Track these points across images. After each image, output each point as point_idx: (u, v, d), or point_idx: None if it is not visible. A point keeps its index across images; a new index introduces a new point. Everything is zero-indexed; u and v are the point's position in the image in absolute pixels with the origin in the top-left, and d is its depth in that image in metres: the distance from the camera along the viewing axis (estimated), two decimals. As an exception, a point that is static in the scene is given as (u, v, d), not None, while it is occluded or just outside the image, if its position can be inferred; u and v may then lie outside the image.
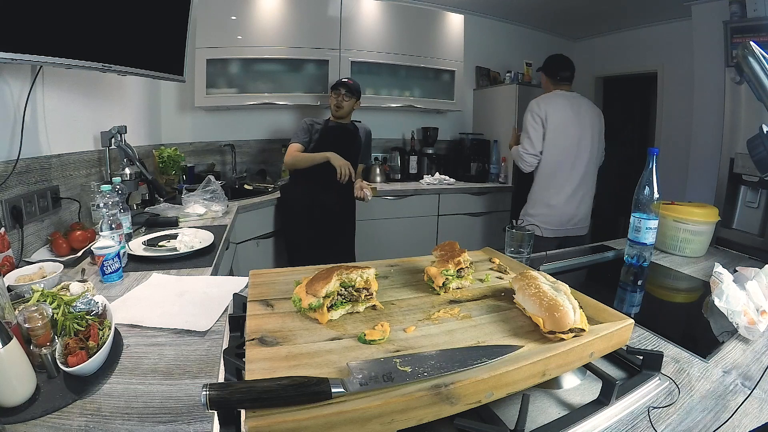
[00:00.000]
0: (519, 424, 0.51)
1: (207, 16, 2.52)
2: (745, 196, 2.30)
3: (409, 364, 0.50)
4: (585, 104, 2.22)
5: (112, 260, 1.06)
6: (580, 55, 4.25)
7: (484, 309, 0.70)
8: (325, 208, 2.29)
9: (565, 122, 2.13)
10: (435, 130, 3.45)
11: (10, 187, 1.20)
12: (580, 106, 2.19)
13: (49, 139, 1.42)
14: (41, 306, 0.70)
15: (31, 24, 1.13)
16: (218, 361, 0.72)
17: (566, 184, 2.18)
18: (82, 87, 1.67)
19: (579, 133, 2.15)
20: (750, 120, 2.34)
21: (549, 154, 2.17)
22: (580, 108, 2.18)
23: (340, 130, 2.41)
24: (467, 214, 3.17)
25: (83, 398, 0.62)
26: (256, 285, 0.75)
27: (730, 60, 2.55)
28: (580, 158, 2.17)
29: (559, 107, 2.15)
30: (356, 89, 2.41)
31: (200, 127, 2.93)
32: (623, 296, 1.11)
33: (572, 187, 2.18)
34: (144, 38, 1.67)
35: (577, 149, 2.16)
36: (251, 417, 0.41)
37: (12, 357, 0.60)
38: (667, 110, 3.51)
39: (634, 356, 0.69)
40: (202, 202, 1.89)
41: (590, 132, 2.17)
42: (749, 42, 0.88)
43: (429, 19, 3.16)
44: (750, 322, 0.80)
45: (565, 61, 2.26)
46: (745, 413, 0.59)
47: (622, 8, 3.33)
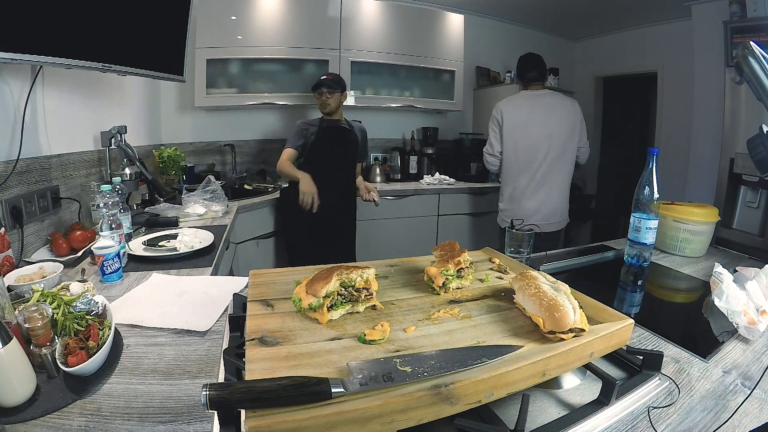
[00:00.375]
0: (519, 424, 0.51)
1: (207, 16, 2.52)
2: (745, 196, 2.29)
3: (409, 364, 0.50)
4: (555, 101, 2.23)
5: (112, 260, 1.06)
6: (580, 55, 4.26)
7: (484, 309, 0.70)
8: (325, 208, 2.28)
9: (524, 122, 2.21)
10: (435, 130, 3.45)
11: (10, 187, 1.20)
12: (546, 104, 2.21)
13: (49, 139, 1.42)
14: (41, 306, 0.70)
15: (31, 24, 1.13)
16: (218, 361, 0.72)
17: (526, 181, 2.26)
18: (82, 87, 1.67)
19: (540, 130, 2.20)
20: (750, 120, 2.34)
21: (508, 152, 2.29)
22: (547, 106, 2.21)
23: (335, 130, 2.37)
24: (467, 214, 3.17)
25: (83, 398, 0.62)
26: (256, 285, 0.75)
27: (730, 60, 2.55)
28: (542, 155, 2.21)
29: (517, 108, 2.24)
30: (337, 82, 2.33)
31: (200, 127, 2.93)
32: (623, 296, 1.11)
33: (533, 183, 2.24)
34: (144, 38, 1.67)
35: (536, 147, 2.21)
36: (251, 417, 0.41)
37: (12, 357, 0.60)
38: (667, 110, 3.51)
39: (634, 356, 0.69)
40: (202, 202, 1.89)
41: (558, 129, 2.19)
42: (749, 42, 0.88)
43: (429, 19, 3.16)
44: (750, 322, 0.80)
45: (532, 61, 2.29)
46: (745, 413, 0.59)
47: (622, 8, 3.33)
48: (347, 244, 2.50)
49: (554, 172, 2.23)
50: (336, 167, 2.36)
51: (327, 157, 2.33)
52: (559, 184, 2.27)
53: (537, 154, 2.20)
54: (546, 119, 2.19)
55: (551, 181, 2.24)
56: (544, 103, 2.22)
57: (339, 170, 2.38)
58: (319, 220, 2.30)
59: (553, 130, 2.18)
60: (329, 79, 2.31)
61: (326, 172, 2.27)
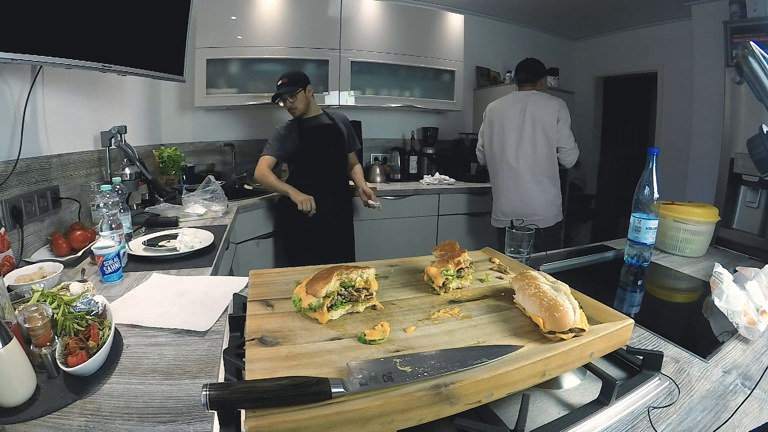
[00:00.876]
0: (519, 424, 0.51)
1: (207, 16, 2.52)
2: (745, 196, 2.30)
3: (409, 364, 0.50)
4: (534, 100, 2.27)
5: (112, 260, 1.06)
6: (580, 55, 4.26)
7: (484, 309, 0.70)
8: (325, 213, 2.24)
9: (499, 117, 2.34)
10: (435, 130, 3.45)
11: (10, 187, 1.20)
12: (525, 102, 2.27)
13: (49, 139, 1.42)
14: (41, 306, 0.70)
15: (31, 24, 1.13)
16: (218, 361, 0.72)
17: (502, 178, 2.38)
18: (82, 87, 1.67)
19: (510, 125, 2.29)
20: (750, 120, 2.34)
21: (488, 150, 2.45)
22: (524, 104, 2.27)
23: (319, 132, 2.24)
24: (467, 214, 3.17)
25: (83, 398, 0.62)
26: (256, 285, 0.75)
27: (730, 60, 2.55)
28: (512, 150, 2.29)
29: (499, 104, 2.39)
30: (294, 80, 2.15)
31: (200, 127, 2.93)
32: (623, 296, 1.11)
33: (509, 181, 2.34)
34: (144, 38, 1.68)
35: (504, 141, 2.31)
36: (251, 417, 0.41)
37: (12, 357, 0.60)
38: (667, 110, 3.51)
39: (634, 356, 0.69)
40: (202, 202, 1.89)
41: (529, 124, 2.25)
42: (749, 42, 0.88)
43: (429, 19, 3.16)
44: (750, 322, 0.80)
45: (522, 65, 2.38)
46: (745, 413, 0.59)
47: (622, 8, 3.33)
48: (347, 244, 2.49)
49: (526, 169, 2.28)
50: (328, 168, 2.31)
51: (317, 160, 2.24)
52: (535, 182, 2.30)
53: (506, 148, 2.31)
54: (518, 115, 2.27)
55: (525, 178, 2.29)
56: (523, 101, 2.28)
57: (332, 170, 2.34)
58: (319, 223, 2.26)
59: (524, 126, 2.25)
60: (284, 83, 2.15)
61: (319, 175, 2.22)
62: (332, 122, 2.30)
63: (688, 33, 2.98)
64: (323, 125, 2.28)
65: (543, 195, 2.30)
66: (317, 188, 2.19)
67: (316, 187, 2.20)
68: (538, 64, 2.35)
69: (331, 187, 2.30)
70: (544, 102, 2.26)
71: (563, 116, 2.23)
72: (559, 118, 2.23)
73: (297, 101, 2.16)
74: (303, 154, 2.22)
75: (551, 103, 2.25)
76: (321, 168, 2.27)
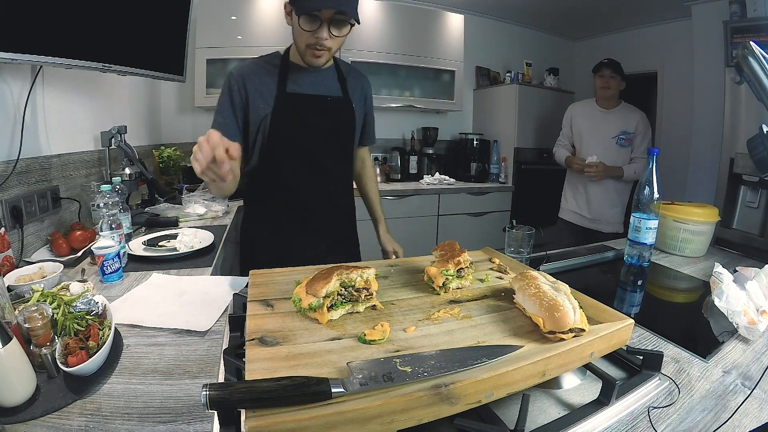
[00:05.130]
0: (519, 424, 0.51)
1: (207, 16, 2.52)
2: (745, 196, 2.29)
3: (409, 364, 0.50)
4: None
5: (112, 260, 1.06)
6: (580, 55, 4.26)
7: (484, 309, 0.70)
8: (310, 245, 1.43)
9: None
10: (435, 130, 3.45)
11: (10, 187, 1.20)
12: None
13: (49, 139, 1.42)
14: (41, 306, 0.69)
15: (31, 24, 1.13)
16: (218, 361, 0.72)
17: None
18: (82, 87, 1.67)
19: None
20: (750, 120, 2.34)
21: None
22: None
23: (312, 99, 1.21)
24: (467, 214, 3.17)
25: (83, 398, 0.62)
26: (256, 285, 0.75)
27: (730, 60, 2.55)
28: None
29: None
30: (356, 8, 1.08)
31: (200, 127, 2.92)
32: (623, 296, 1.11)
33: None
34: (144, 38, 1.68)
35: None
36: (251, 417, 0.41)
37: (12, 357, 0.60)
38: (667, 110, 3.51)
39: (634, 356, 0.69)
40: (202, 202, 1.89)
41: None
42: (749, 42, 0.88)
43: (429, 19, 3.16)
44: (750, 322, 0.80)
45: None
46: (745, 413, 0.59)
47: (622, 8, 3.33)
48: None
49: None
50: (317, 164, 1.29)
51: (297, 148, 1.25)
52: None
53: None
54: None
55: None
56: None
57: (323, 168, 1.31)
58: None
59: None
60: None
61: (326, 171, 1.31)
62: (346, 97, 1.28)
63: (688, 33, 2.97)
64: (323, 97, 1.25)
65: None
66: (294, 204, 1.34)
67: (320, 178, 1.32)
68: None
69: (334, 184, 1.39)
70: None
71: (566, 115, 2.54)
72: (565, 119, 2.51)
73: (340, 41, 1.13)
74: (279, 126, 1.20)
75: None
76: (302, 162, 1.28)
